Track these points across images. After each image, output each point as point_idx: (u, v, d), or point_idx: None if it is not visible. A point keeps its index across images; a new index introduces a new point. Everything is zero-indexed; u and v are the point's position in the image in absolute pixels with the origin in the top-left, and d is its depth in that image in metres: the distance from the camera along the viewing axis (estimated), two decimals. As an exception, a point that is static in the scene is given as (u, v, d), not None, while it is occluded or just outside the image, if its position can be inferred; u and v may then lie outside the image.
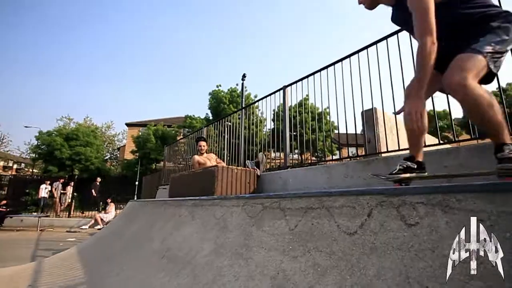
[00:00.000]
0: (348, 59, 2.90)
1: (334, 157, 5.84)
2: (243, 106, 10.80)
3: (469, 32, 1.23)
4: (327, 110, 3.40)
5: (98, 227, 9.09)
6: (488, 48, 1.14)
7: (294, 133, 4.26)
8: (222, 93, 21.68)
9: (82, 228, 9.02)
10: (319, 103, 4.03)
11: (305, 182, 3.06)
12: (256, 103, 6.44)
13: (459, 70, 1.12)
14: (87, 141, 18.58)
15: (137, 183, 18.26)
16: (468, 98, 1.11)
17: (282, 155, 3.74)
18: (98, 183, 12.47)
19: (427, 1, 1.22)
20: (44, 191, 11.81)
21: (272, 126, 18.44)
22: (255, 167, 3.66)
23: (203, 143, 4.23)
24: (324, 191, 1.28)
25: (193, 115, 22.15)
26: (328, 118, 12.48)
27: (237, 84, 22.56)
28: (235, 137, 5.67)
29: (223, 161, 4.90)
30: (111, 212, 9.71)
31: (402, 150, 2.38)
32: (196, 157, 3.92)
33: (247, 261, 1.32)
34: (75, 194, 12.62)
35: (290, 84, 3.66)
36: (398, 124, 2.47)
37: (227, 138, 6.22)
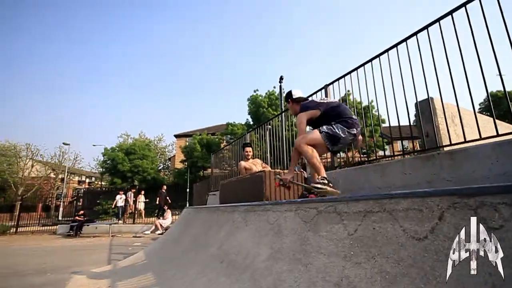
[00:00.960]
0: (395, 48, 2.71)
1: (384, 154, 5.44)
2: (283, 109, 10.78)
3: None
4: (372, 104, 3.21)
5: (158, 232, 9.89)
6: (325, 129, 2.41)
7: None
8: (260, 97, 21.95)
9: (145, 234, 9.92)
10: (362, 97, 3.82)
11: (356, 183, 2.92)
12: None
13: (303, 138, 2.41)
14: (143, 154, 20.48)
15: (188, 190, 19.44)
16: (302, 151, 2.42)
17: (327, 155, 3.63)
18: (164, 191, 13.55)
19: (302, 123, 2.50)
20: (120, 200, 13.28)
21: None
22: (302, 170, 3.62)
23: (249, 149, 4.34)
24: (384, 194, 1.21)
25: (234, 122, 22.81)
26: (373, 112, 11.72)
27: (274, 87, 22.63)
28: (276, 140, 5.69)
29: (267, 164, 4.95)
30: (168, 218, 10.50)
31: (469, 142, 2.13)
32: (243, 163, 4.04)
33: (306, 266, 1.32)
34: (146, 201, 13.81)
35: (332, 82, 3.56)
36: (461, 114, 2.22)
37: (268, 141, 6.28)
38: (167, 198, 13.07)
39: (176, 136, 30.16)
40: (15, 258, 5.77)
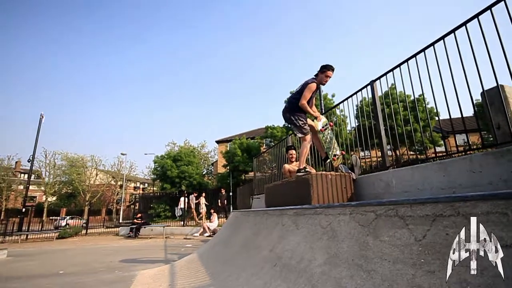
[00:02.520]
0: (453, 34, 2.46)
1: (447, 150, 4.95)
2: (323, 109, 10.49)
3: None
4: (422, 96, 2.94)
5: (206, 234, 10.35)
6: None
7: (385, 128, 3.86)
8: (298, 99, 21.66)
9: (194, 236, 10.47)
10: (409, 91, 3.53)
11: (413, 184, 2.70)
12: (333, 100, 6.17)
13: None
14: (188, 160, 21.69)
15: (231, 193, 19.99)
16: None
17: (376, 154, 3.43)
18: (224, 193, 14.16)
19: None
20: (182, 203, 14.25)
21: (357, 124, 17.17)
22: (350, 171, 3.47)
23: (292, 152, 4.31)
24: (456, 195, 1.11)
25: (273, 125, 22.86)
26: (424, 105, 10.71)
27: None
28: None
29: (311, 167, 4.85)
30: (215, 221, 10.93)
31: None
32: (287, 166, 4.03)
33: (369, 273, 1.26)
34: (206, 204, 14.53)
35: (379, 78, 3.36)
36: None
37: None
38: (226, 200, 13.55)
39: (218, 142, 31.34)
40: (88, 257, 6.55)
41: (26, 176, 24.87)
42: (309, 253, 1.87)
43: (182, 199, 14.29)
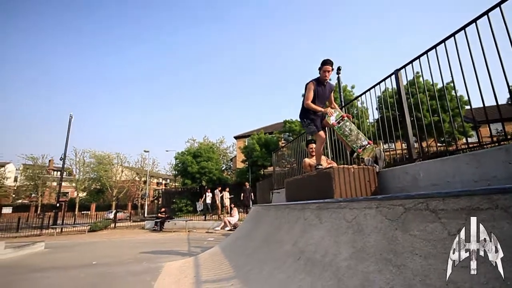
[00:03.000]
0: (486, 16, 2.29)
1: (479, 140, 4.70)
2: (343, 102, 10.23)
3: None
4: (451, 84, 2.77)
5: (227, 228, 10.55)
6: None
7: (411, 119, 3.70)
8: (316, 91, 21.25)
9: (216, 230, 10.71)
10: (436, 78, 3.32)
11: (442, 176, 2.58)
12: (353, 92, 6.00)
13: None
14: (208, 156, 22.09)
15: (250, 188, 20.15)
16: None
17: (402, 146, 3.30)
18: (248, 187, 14.38)
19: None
20: (208, 197, 14.62)
21: (379, 115, 16.58)
22: (373, 164, 3.37)
23: (313, 145, 4.25)
24: (494, 187, 1.04)
25: (291, 119, 22.63)
26: (454, 93, 10.09)
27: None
28: (335, 135, 5.43)
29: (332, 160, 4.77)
30: (236, 215, 11.10)
31: None
32: (307, 160, 3.99)
33: (399, 268, 1.23)
34: (231, 197, 14.81)
35: (404, 66, 3.21)
36: None
37: (328, 137, 6.03)
38: (251, 194, 13.69)
39: (236, 137, 31.59)
40: (117, 249, 6.92)
41: (58, 173, 26.63)
42: (334, 247, 1.85)
43: (208, 193, 14.62)
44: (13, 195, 34.18)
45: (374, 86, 3.71)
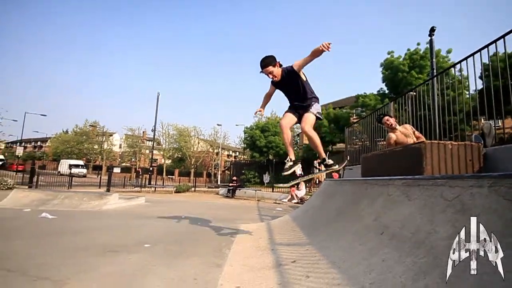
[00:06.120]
0: None
1: None
2: (435, 69, 8.72)
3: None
4: None
5: (294, 201, 10.82)
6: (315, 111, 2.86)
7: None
8: (398, 60, 18.64)
9: (283, 201, 11.13)
10: None
11: None
12: (449, 57, 5.01)
13: (307, 124, 2.79)
14: (275, 131, 22.47)
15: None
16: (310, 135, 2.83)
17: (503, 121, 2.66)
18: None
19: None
20: (298, 169, 15.36)
21: (484, 85, 13.69)
22: (479, 140, 2.86)
23: (389, 119, 3.82)
24: None
25: (365, 93, 20.70)
26: None
27: (418, 44, 18.58)
28: (422, 109, 4.74)
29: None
30: (303, 189, 11.24)
31: None
32: (392, 135, 3.63)
33: (523, 252, 1.06)
34: (301, 174, 15.15)
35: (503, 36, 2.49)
36: None
37: (411, 111, 5.32)
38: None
39: (303, 112, 30.90)
40: (199, 209, 7.96)
41: (150, 143, 31.57)
42: (428, 225, 1.70)
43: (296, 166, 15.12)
44: (119, 159, 42.40)
45: (479, 50, 3.02)
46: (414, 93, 5.42)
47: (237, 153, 48.92)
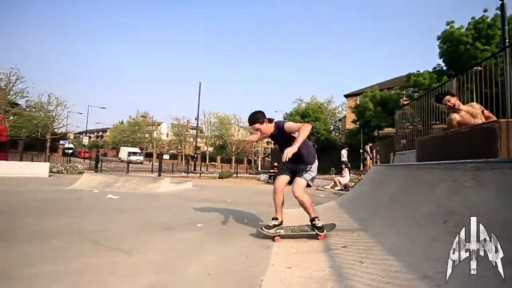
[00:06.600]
0: None
1: None
2: (507, 39, 7.45)
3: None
4: None
5: (337, 188, 10.50)
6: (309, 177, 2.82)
7: None
8: (459, 31, 16.32)
9: (326, 188, 10.88)
10: None
11: None
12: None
13: (298, 188, 2.77)
14: (316, 116, 21.87)
15: (361, 150, 18.89)
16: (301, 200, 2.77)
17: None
18: (346, 150, 14.11)
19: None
20: (344, 156, 14.92)
21: None
22: None
23: (451, 99, 3.35)
24: None
25: (418, 71, 18.71)
26: None
27: (485, 11, 16.02)
28: (489, 86, 4.10)
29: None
30: (347, 176, 10.83)
31: None
32: (456, 117, 3.22)
33: None
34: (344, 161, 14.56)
35: None
36: None
37: (475, 89, 4.64)
38: (343, 156, 13.30)
39: (346, 96, 29.30)
40: (243, 194, 8.22)
41: (193, 131, 33.27)
42: (504, 213, 1.51)
43: (343, 151, 14.74)
44: (167, 147, 45.67)
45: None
46: (480, 68, 4.74)
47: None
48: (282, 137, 2.80)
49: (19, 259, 2.01)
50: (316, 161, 2.92)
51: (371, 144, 14.55)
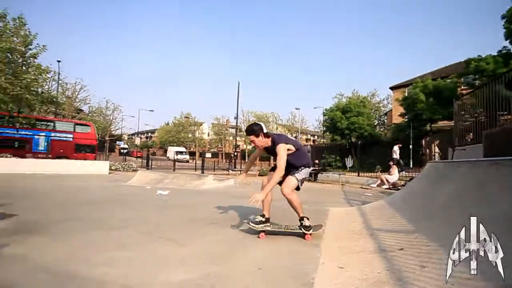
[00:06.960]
0: None
1: None
2: None
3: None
4: None
5: (385, 186, 9.83)
6: (300, 177, 2.83)
7: None
8: (535, 5, 13.92)
9: (371, 186, 10.27)
10: None
11: None
12: None
13: (287, 187, 2.76)
14: (358, 111, 20.70)
15: (411, 146, 17.41)
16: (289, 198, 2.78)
17: None
18: (398, 147, 13.28)
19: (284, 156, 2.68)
20: (397, 152, 14.31)
21: None
22: None
23: None
24: None
25: (479, 56, 16.48)
26: None
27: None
28: None
29: None
30: (395, 174, 10.07)
31: None
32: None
33: None
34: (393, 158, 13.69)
35: None
36: None
37: None
38: (395, 153, 12.55)
39: (392, 88, 27.23)
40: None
41: (233, 130, 34.19)
42: None
43: (395, 147, 14.11)
44: (208, 146, 47.69)
45: None
46: None
47: (316, 136, 47.67)
48: (274, 152, 2.85)
49: (109, 243, 2.30)
50: (310, 162, 3.01)
51: (400, 145, 13.69)
